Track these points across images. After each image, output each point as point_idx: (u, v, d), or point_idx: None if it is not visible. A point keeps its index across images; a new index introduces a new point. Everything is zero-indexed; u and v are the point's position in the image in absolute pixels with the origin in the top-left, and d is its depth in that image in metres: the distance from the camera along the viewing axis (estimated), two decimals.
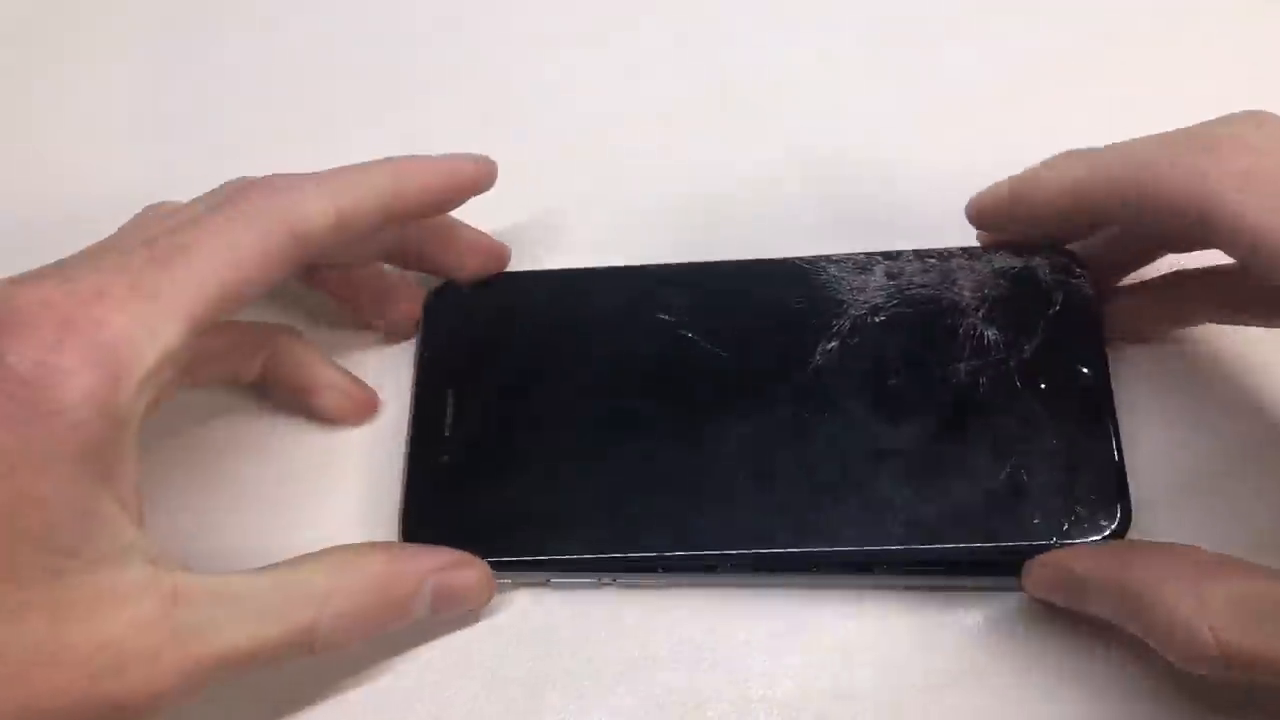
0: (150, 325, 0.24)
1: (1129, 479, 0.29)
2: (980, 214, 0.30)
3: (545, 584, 0.31)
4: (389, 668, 0.30)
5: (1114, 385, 0.30)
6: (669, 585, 0.31)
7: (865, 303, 0.31)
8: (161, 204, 0.29)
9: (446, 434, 0.31)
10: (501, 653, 0.30)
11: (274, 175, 0.28)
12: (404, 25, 0.41)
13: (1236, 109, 0.27)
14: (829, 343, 0.31)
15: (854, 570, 0.30)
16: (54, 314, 0.23)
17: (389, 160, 0.29)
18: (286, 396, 0.33)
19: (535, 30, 0.41)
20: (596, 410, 0.31)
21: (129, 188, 0.31)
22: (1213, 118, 0.27)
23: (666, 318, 0.32)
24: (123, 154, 0.39)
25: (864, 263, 0.32)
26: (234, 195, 0.27)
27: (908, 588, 0.30)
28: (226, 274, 0.25)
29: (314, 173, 0.28)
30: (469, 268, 0.33)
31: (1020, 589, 0.29)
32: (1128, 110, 0.37)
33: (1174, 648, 0.25)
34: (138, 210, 0.29)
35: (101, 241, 0.27)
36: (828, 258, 0.32)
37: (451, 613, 0.30)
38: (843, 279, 0.32)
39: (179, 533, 0.32)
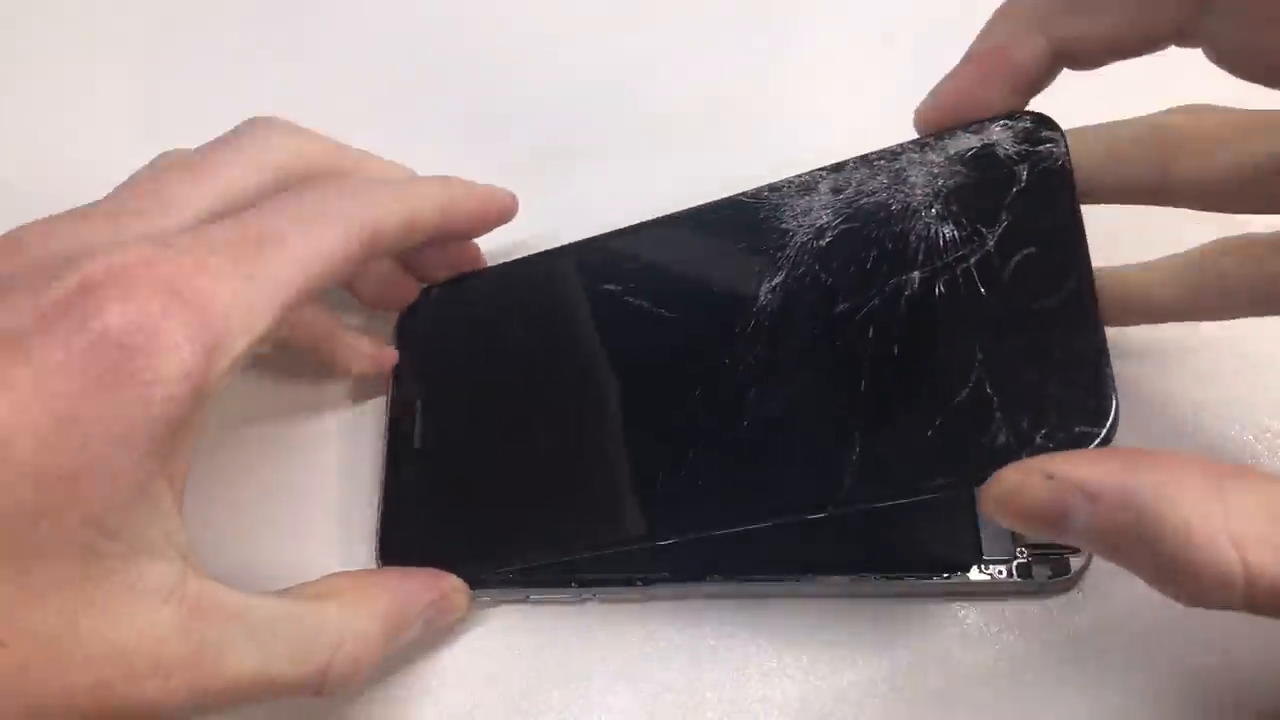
0: (250, 305, 0.23)
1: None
2: None
3: (525, 600, 0.31)
4: (388, 669, 0.30)
5: None
6: (649, 599, 0.30)
7: (811, 225, 0.28)
8: (175, 151, 0.29)
9: (417, 445, 0.32)
10: (502, 653, 0.30)
11: (353, 177, 0.29)
12: (404, 26, 0.41)
13: (1241, 100, 0.27)
14: (774, 279, 0.28)
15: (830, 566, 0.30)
16: (157, 277, 0.22)
17: (443, 179, 0.30)
18: (305, 353, 0.33)
19: (534, 30, 0.41)
20: (559, 409, 0.30)
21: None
22: None
23: (616, 288, 0.31)
24: (120, 152, 0.39)
25: (808, 182, 0.29)
26: (315, 193, 0.27)
27: (899, 594, 0.30)
28: (313, 267, 0.25)
29: (388, 181, 0.29)
30: (452, 268, 0.34)
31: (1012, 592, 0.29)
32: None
33: (1187, 569, 0.20)
34: None
35: (130, 188, 0.27)
36: (772, 186, 0.29)
37: (428, 636, 0.29)
38: (785, 205, 0.29)
39: None
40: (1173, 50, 0.25)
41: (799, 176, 0.29)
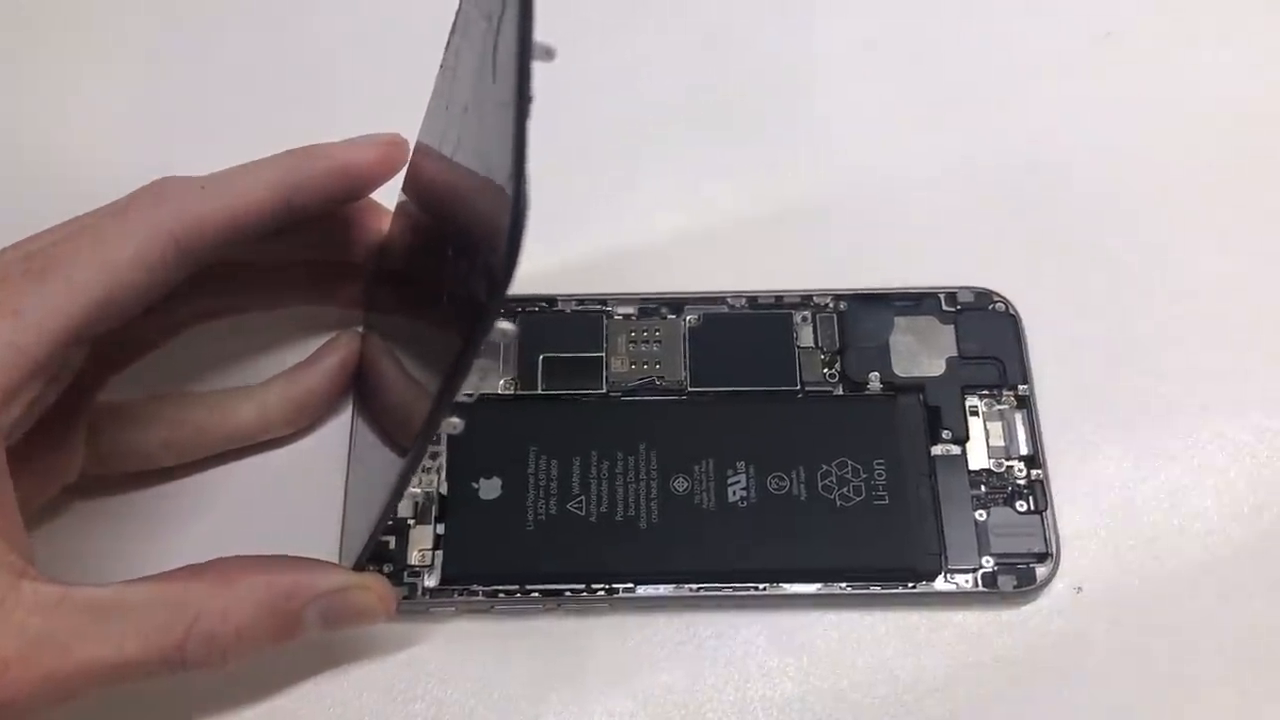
0: (13, 343, 0.24)
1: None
2: None
3: (490, 610, 0.31)
4: (389, 666, 0.30)
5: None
6: (614, 612, 0.31)
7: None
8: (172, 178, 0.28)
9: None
10: (500, 657, 0.30)
11: (166, 180, 0.27)
12: (406, 23, 0.41)
13: (1236, 108, 0.27)
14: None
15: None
16: None
17: (288, 153, 0.29)
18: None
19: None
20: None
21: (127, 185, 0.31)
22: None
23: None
24: (123, 151, 0.39)
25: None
26: (122, 203, 0.27)
27: (869, 604, 0.31)
28: (102, 286, 0.25)
29: (206, 175, 0.28)
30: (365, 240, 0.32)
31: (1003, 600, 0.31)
32: (1128, 110, 0.37)
33: None
34: None
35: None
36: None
37: (347, 630, 0.29)
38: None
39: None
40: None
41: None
